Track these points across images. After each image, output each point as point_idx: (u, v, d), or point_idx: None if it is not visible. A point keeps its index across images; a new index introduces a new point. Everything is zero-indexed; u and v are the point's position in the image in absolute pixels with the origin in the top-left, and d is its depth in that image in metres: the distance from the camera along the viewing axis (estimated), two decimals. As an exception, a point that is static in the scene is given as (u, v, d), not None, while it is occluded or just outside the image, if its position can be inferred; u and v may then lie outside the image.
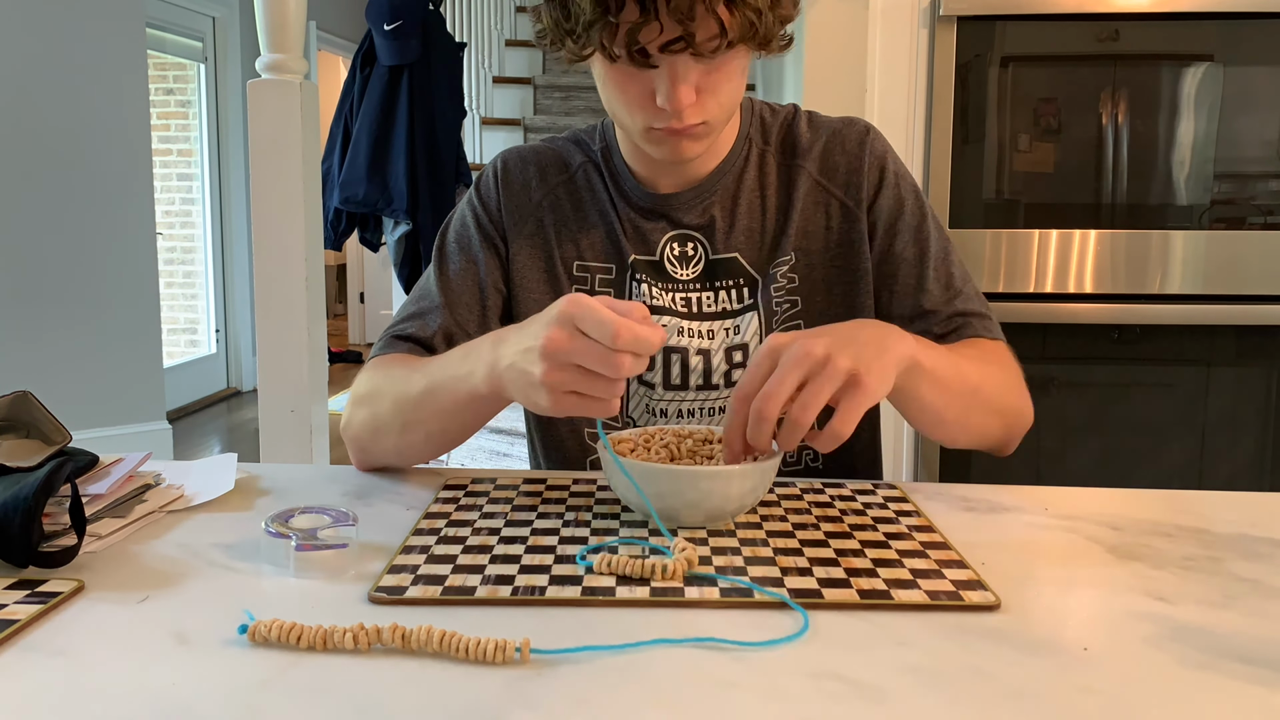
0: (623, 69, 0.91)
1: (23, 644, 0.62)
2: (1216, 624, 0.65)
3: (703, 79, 0.91)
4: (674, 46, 0.87)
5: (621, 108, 0.94)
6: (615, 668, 0.59)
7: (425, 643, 0.60)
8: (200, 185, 5.36)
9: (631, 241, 1.06)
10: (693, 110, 0.91)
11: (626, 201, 1.07)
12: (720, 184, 1.05)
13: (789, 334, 0.79)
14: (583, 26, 0.88)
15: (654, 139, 0.95)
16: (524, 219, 1.08)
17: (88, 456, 0.88)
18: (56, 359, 3.80)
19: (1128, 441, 2.21)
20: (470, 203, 1.10)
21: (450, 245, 1.09)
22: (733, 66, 0.92)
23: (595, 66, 0.95)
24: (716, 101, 0.93)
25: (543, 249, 1.07)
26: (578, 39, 0.90)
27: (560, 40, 0.92)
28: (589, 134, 1.11)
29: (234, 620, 0.63)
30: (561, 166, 1.09)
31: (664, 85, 0.90)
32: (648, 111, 0.92)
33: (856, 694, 0.56)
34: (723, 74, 0.92)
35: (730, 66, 0.92)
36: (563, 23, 0.90)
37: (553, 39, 0.93)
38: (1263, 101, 2.12)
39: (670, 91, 0.89)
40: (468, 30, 4.85)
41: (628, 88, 0.92)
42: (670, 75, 0.89)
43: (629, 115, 0.94)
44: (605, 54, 0.89)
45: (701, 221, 1.05)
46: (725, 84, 0.92)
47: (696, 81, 0.90)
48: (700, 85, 0.91)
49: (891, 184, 1.05)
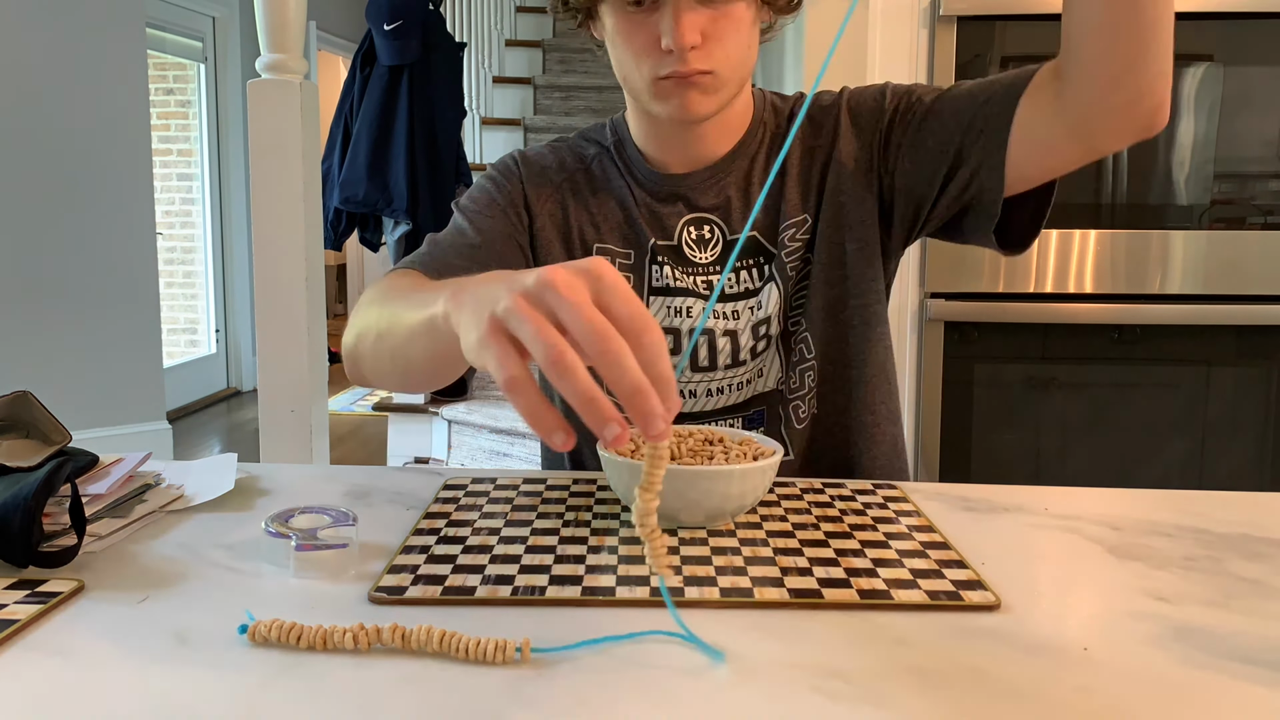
0: (629, 17, 0.94)
1: (23, 644, 0.62)
2: (1216, 624, 0.65)
3: (709, 25, 0.93)
4: None
5: (629, 59, 0.96)
6: (615, 668, 0.59)
7: (425, 643, 0.60)
8: (200, 185, 5.36)
9: (649, 226, 1.06)
10: (698, 55, 0.93)
11: (642, 187, 1.07)
12: (735, 165, 1.06)
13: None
14: None
15: (662, 91, 0.96)
16: (545, 197, 1.08)
17: (88, 456, 0.88)
18: (56, 359, 3.80)
19: (1128, 441, 2.21)
20: (490, 178, 1.09)
21: (471, 205, 1.05)
22: (739, 14, 0.94)
23: (606, 22, 0.97)
24: (723, 50, 0.94)
25: (562, 233, 1.07)
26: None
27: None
28: (598, 130, 1.12)
29: (234, 620, 0.63)
30: (578, 158, 1.10)
31: (668, 24, 0.92)
32: (654, 58, 0.94)
33: (856, 694, 0.56)
34: (729, 21, 0.93)
35: (736, 13, 0.94)
36: None
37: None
38: (1263, 101, 2.11)
39: (674, 29, 0.91)
40: (468, 30, 4.85)
41: (634, 36, 0.94)
42: (674, 12, 0.91)
43: (637, 66, 0.96)
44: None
45: (717, 202, 1.06)
46: (731, 33, 0.94)
47: (703, 27, 0.92)
48: (706, 31, 0.92)
49: (872, 100, 1.04)
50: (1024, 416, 2.20)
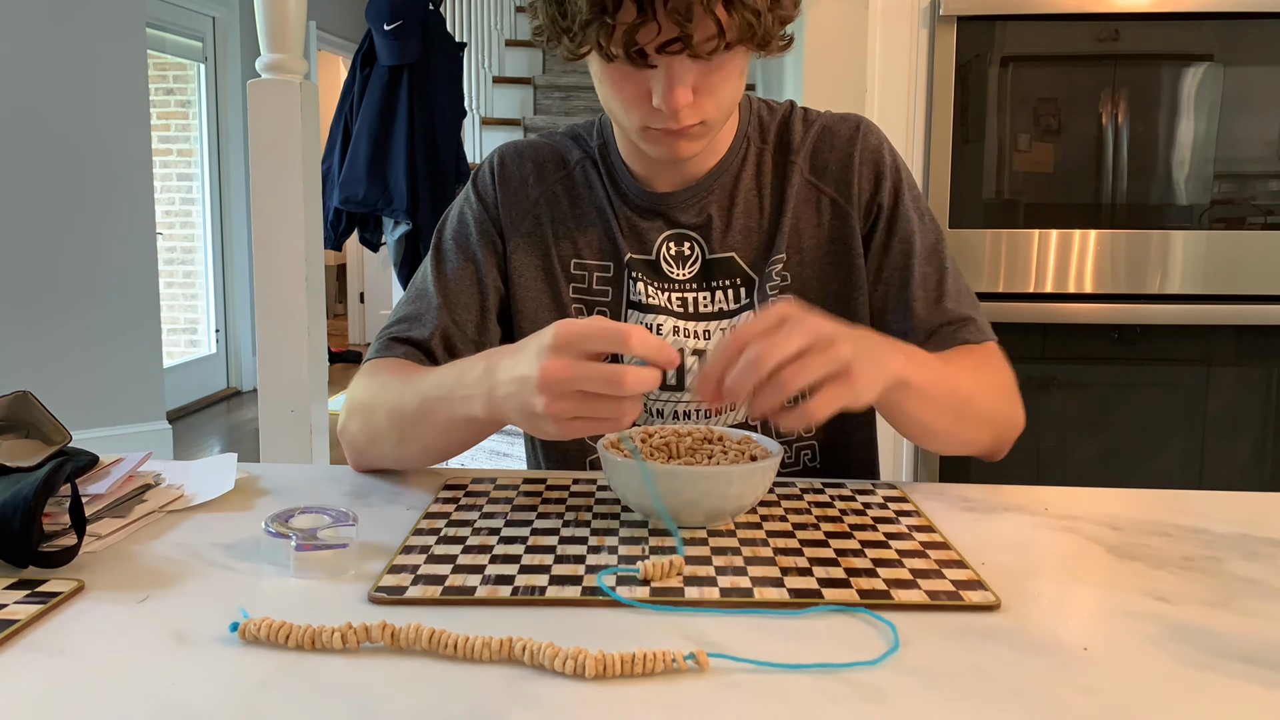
0: (619, 68, 0.90)
1: (23, 644, 0.62)
2: (1216, 624, 0.65)
3: (700, 80, 0.90)
4: (671, 47, 0.86)
5: (618, 107, 0.94)
6: (618, 675, 0.58)
7: (414, 641, 0.60)
8: (200, 185, 5.36)
9: (628, 240, 1.05)
10: (689, 111, 0.91)
11: (623, 200, 1.06)
12: (717, 183, 1.05)
13: (801, 307, 0.77)
14: (579, 25, 0.87)
15: (650, 138, 0.95)
16: (521, 216, 1.07)
17: (88, 456, 0.88)
18: (56, 359, 3.80)
19: (1128, 441, 2.21)
20: (467, 199, 1.10)
21: (448, 243, 1.08)
22: (730, 68, 0.91)
23: (592, 65, 0.94)
24: (714, 102, 0.92)
25: (540, 247, 1.07)
26: (574, 38, 0.89)
27: (556, 38, 0.91)
28: (586, 130, 1.11)
29: (234, 620, 0.63)
30: (559, 163, 1.09)
31: (660, 86, 0.89)
32: (644, 111, 0.92)
33: (856, 694, 0.56)
34: (720, 75, 0.91)
35: (728, 68, 0.91)
36: (559, 20, 0.89)
37: (549, 36, 0.92)
38: (1263, 101, 2.12)
39: (667, 93, 0.89)
40: (468, 30, 4.86)
41: (624, 87, 0.92)
42: (667, 76, 0.88)
43: (625, 114, 0.94)
44: (602, 54, 0.89)
45: (698, 221, 1.05)
46: (723, 85, 0.92)
47: (694, 82, 0.89)
48: (698, 86, 0.90)
49: (889, 180, 1.04)
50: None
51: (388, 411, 0.95)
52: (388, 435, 0.95)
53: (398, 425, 0.94)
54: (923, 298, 1.03)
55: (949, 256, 1.05)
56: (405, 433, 0.94)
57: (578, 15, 0.86)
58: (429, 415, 0.90)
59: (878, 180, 1.04)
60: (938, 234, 1.06)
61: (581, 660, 0.57)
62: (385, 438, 0.96)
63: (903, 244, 1.04)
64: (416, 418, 0.92)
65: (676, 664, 0.57)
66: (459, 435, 0.92)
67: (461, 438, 0.93)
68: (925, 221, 1.05)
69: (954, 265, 1.05)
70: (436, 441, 0.93)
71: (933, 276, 1.03)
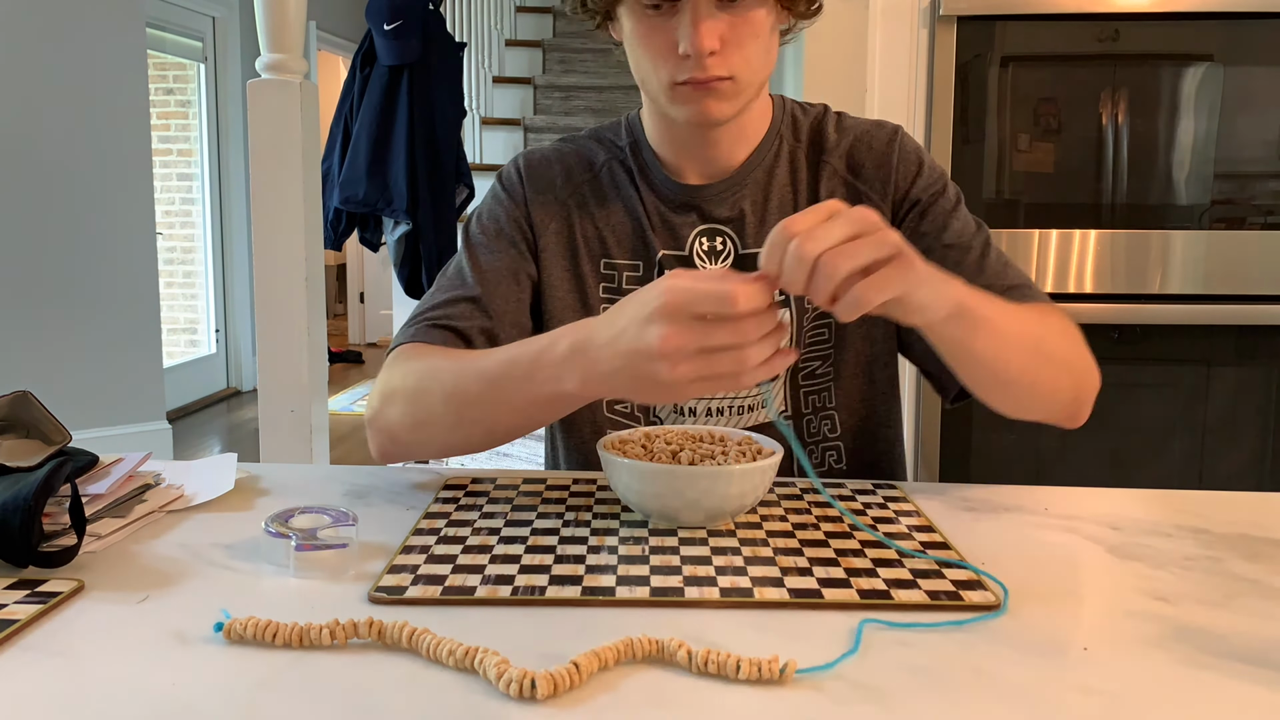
0: (648, 20, 0.93)
1: (23, 644, 0.62)
2: (1216, 624, 0.65)
3: (728, 30, 0.91)
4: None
5: (647, 62, 0.95)
6: (615, 668, 0.58)
7: (398, 639, 0.60)
8: (200, 185, 5.36)
9: (660, 235, 1.04)
10: (716, 61, 0.92)
11: (655, 194, 1.06)
12: (751, 177, 1.04)
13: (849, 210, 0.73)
14: None
15: (680, 96, 0.95)
16: (550, 216, 1.06)
17: (88, 456, 0.88)
18: (56, 359, 3.80)
19: (1128, 441, 2.21)
20: (496, 197, 1.08)
21: (479, 236, 1.06)
22: (758, 20, 0.93)
23: (624, 24, 0.97)
24: (742, 56, 0.93)
25: (568, 247, 1.06)
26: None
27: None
28: (613, 130, 1.10)
29: (218, 621, 0.63)
30: (586, 165, 1.08)
31: (686, 29, 0.91)
32: (672, 63, 0.93)
33: (856, 694, 0.56)
34: (748, 26, 0.92)
35: (755, 19, 0.93)
36: None
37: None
38: (1263, 101, 2.11)
39: (692, 34, 0.90)
40: (468, 30, 4.85)
41: (652, 39, 0.93)
42: (693, 17, 0.90)
43: (654, 70, 0.95)
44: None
45: (731, 215, 1.04)
46: (750, 39, 0.93)
47: (722, 31, 0.91)
48: (725, 36, 0.91)
49: (928, 174, 1.04)
50: (1024, 416, 2.20)
51: (444, 394, 0.91)
52: (442, 418, 0.91)
53: (456, 408, 0.90)
54: (972, 264, 1.00)
55: (996, 247, 1.03)
56: (465, 415, 0.90)
57: None
58: (501, 396, 0.86)
59: (917, 174, 1.04)
60: (980, 222, 1.04)
61: (526, 681, 0.55)
62: (438, 421, 0.92)
63: (941, 220, 1.02)
64: (482, 399, 0.88)
65: (649, 654, 0.57)
66: (540, 413, 0.89)
67: (543, 416, 0.91)
68: (968, 214, 1.04)
69: (1002, 254, 1.03)
70: (508, 422, 0.90)
71: (976, 252, 1.01)
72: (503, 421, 0.90)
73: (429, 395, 0.92)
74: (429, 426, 0.93)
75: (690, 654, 0.58)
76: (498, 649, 0.58)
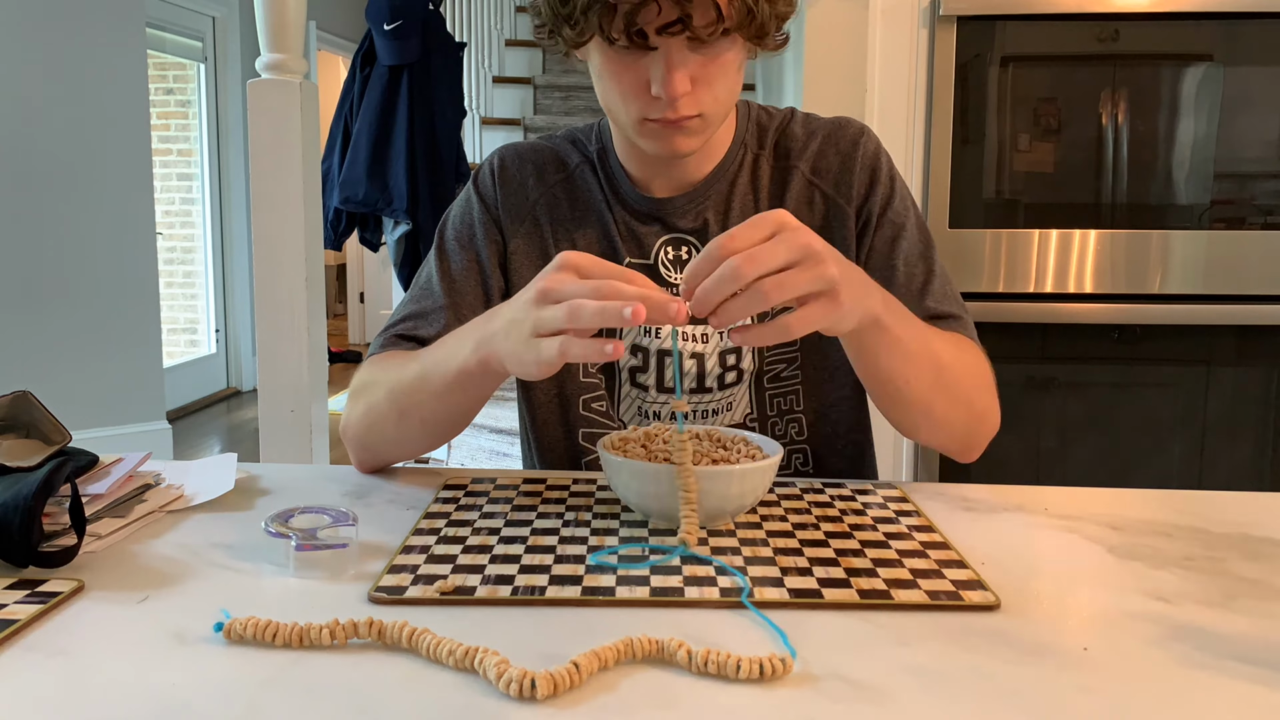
0: (618, 57, 0.91)
1: (23, 644, 0.62)
2: (1216, 624, 0.65)
3: (698, 69, 0.91)
4: (672, 29, 0.87)
5: (617, 98, 0.94)
6: (615, 667, 0.58)
7: (398, 639, 0.60)
8: (200, 185, 5.36)
9: (626, 243, 1.06)
10: (687, 101, 0.91)
11: (622, 204, 1.06)
12: (714, 188, 1.05)
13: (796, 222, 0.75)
14: (580, 10, 0.88)
15: (648, 132, 0.95)
16: (521, 217, 1.08)
17: (88, 456, 0.88)
18: (56, 359, 3.80)
19: (1128, 441, 2.21)
20: (469, 198, 1.10)
21: (450, 242, 1.08)
22: (728, 60, 0.92)
23: (592, 57, 0.95)
24: (712, 95, 0.93)
25: (539, 247, 1.07)
26: (575, 24, 0.89)
27: (558, 28, 0.92)
28: (585, 134, 1.11)
29: (218, 621, 0.63)
30: (559, 165, 1.09)
31: (659, 72, 0.90)
32: (642, 101, 0.92)
33: (856, 694, 0.56)
34: (718, 66, 0.91)
35: (726, 59, 0.92)
36: (560, 8, 0.90)
37: (550, 28, 0.93)
38: (1263, 101, 2.11)
39: (665, 78, 0.89)
40: (468, 30, 4.85)
41: (623, 77, 0.92)
42: (666, 61, 0.89)
43: (624, 106, 0.94)
44: (603, 37, 0.89)
45: (695, 225, 1.05)
46: (720, 78, 0.92)
47: (692, 71, 0.90)
48: (696, 76, 0.91)
49: (883, 184, 1.05)
50: (1024, 416, 2.20)
51: (387, 388, 0.95)
52: (387, 413, 0.95)
53: (396, 400, 0.94)
54: (906, 294, 1.01)
55: (939, 263, 1.05)
56: (403, 405, 0.93)
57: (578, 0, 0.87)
58: (425, 380, 0.90)
59: (872, 184, 1.05)
60: (928, 242, 1.05)
61: (526, 681, 0.55)
62: (385, 418, 0.95)
63: (889, 245, 1.04)
64: (413, 386, 0.91)
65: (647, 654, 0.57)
66: (452, 397, 0.90)
67: (454, 399, 0.90)
68: (916, 229, 1.05)
69: (943, 271, 1.05)
70: (431, 408, 0.92)
71: (919, 278, 1.03)
72: (429, 407, 0.92)
73: (377, 394, 0.96)
74: (380, 425, 0.96)
75: (690, 654, 0.58)
76: (498, 649, 0.58)
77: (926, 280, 1.03)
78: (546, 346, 0.73)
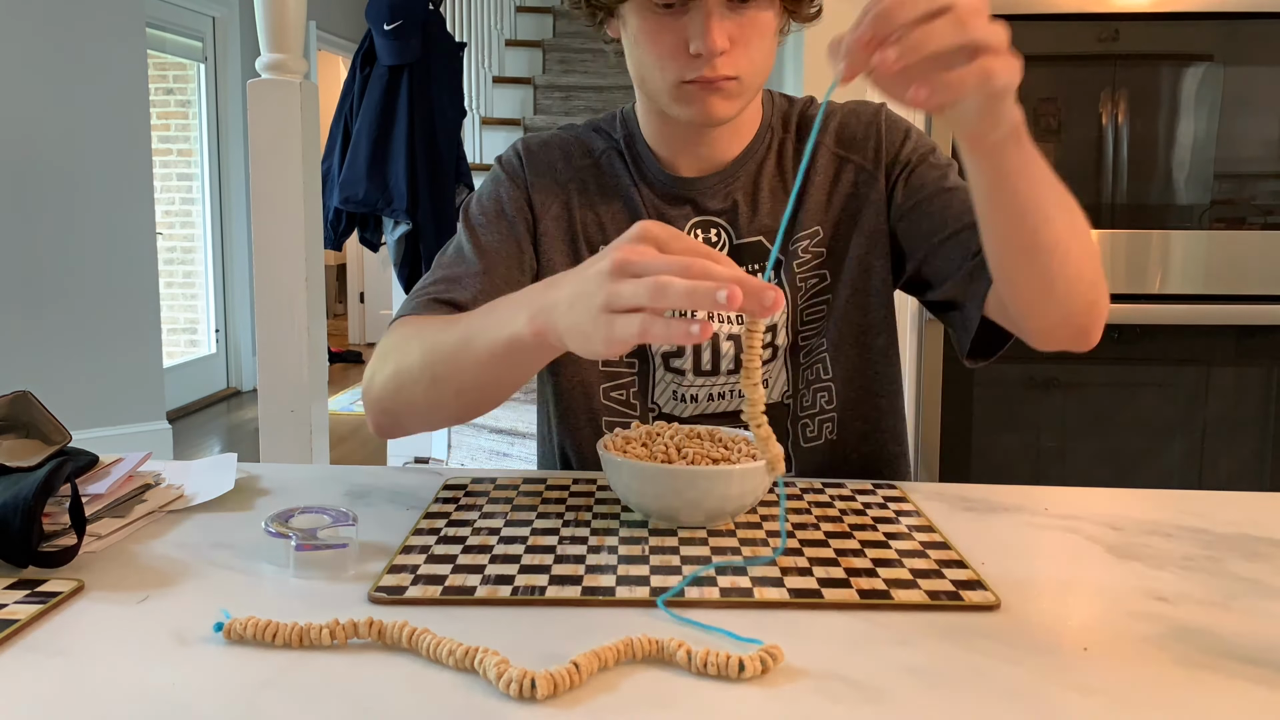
0: (656, 19, 0.93)
1: (23, 644, 0.62)
2: (1216, 624, 0.65)
3: (736, 30, 0.92)
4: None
5: (653, 62, 0.95)
6: (615, 668, 0.58)
7: (398, 639, 0.60)
8: (200, 185, 5.36)
9: None
10: (725, 60, 0.93)
11: (650, 187, 1.06)
12: (743, 169, 1.05)
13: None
14: None
15: (685, 96, 0.95)
16: (550, 198, 1.07)
17: (88, 456, 0.88)
18: (56, 359, 3.80)
19: (1128, 441, 2.21)
20: (497, 179, 1.09)
21: (478, 217, 1.05)
22: (765, 21, 0.94)
23: (628, 23, 0.97)
24: (748, 57, 0.94)
25: (568, 231, 1.06)
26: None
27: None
28: (608, 122, 1.11)
29: (218, 621, 0.63)
30: (585, 151, 1.09)
31: (698, 29, 0.91)
32: (680, 62, 0.94)
33: (856, 694, 0.56)
34: (755, 28, 0.93)
35: (762, 21, 0.94)
36: None
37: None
38: (1263, 101, 2.11)
39: (705, 33, 0.91)
40: (468, 30, 4.85)
41: (660, 38, 0.94)
42: (705, 18, 0.91)
43: (661, 69, 0.95)
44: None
45: (724, 206, 1.05)
46: (757, 40, 0.94)
47: (730, 31, 0.92)
48: (734, 36, 0.92)
49: (914, 137, 1.06)
50: (1024, 416, 2.20)
51: (421, 351, 0.88)
52: (420, 377, 0.88)
53: (431, 364, 0.87)
54: (966, 212, 0.95)
55: None
56: (439, 371, 0.86)
57: None
58: (468, 346, 0.82)
59: (904, 140, 1.05)
60: None
61: (526, 681, 0.54)
62: (416, 382, 0.88)
63: (937, 171, 1.03)
64: (454, 351, 0.84)
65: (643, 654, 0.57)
66: (496, 369, 0.82)
67: (498, 371, 0.83)
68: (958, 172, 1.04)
69: None
70: (472, 377, 0.84)
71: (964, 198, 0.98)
72: (469, 375, 0.84)
73: (409, 356, 0.90)
74: (409, 388, 0.90)
75: (690, 654, 0.58)
76: (498, 649, 0.58)
77: None
78: (624, 324, 0.64)
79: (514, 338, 0.76)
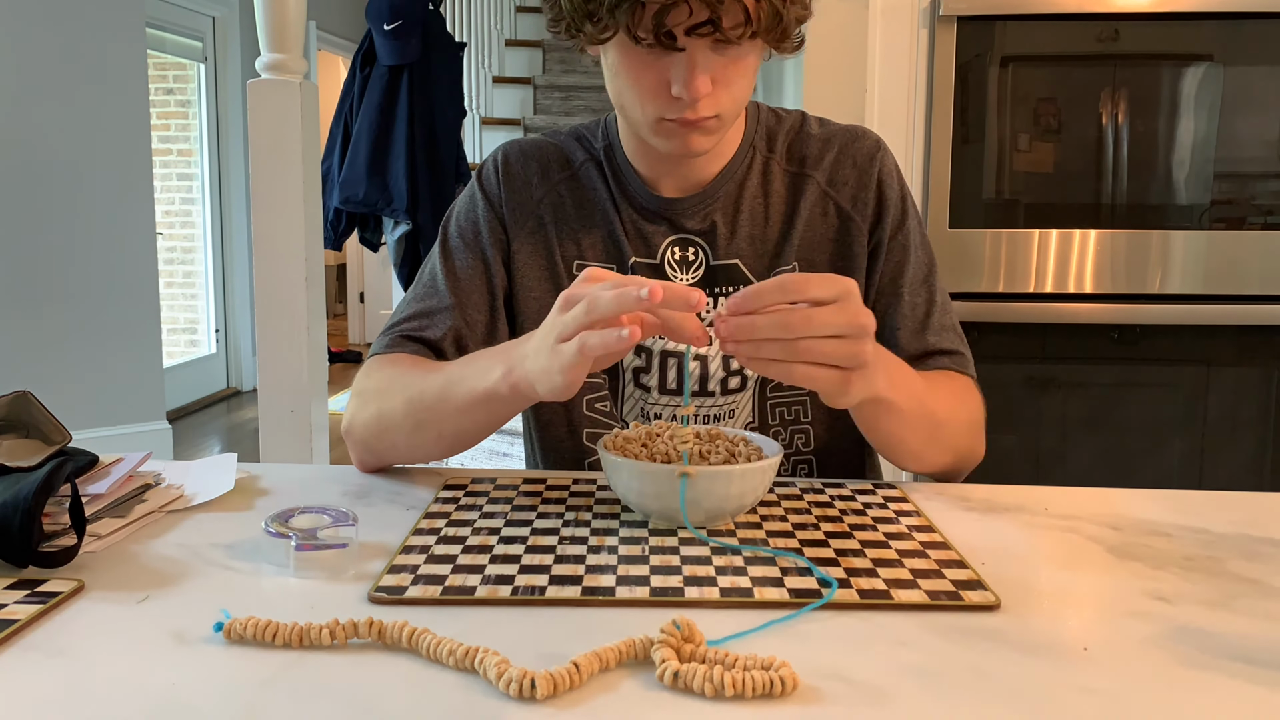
0: (638, 57, 0.90)
1: (23, 644, 0.62)
2: (1216, 624, 0.65)
3: (719, 71, 0.90)
4: (700, 30, 0.87)
5: (634, 98, 0.93)
6: (614, 667, 0.58)
7: (398, 639, 0.60)
8: (200, 185, 5.36)
9: (632, 242, 1.05)
10: (707, 102, 0.91)
11: (629, 202, 1.06)
12: (723, 190, 1.04)
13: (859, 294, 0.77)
14: (607, 8, 0.87)
15: (664, 131, 0.94)
16: (525, 216, 1.07)
17: (88, 456, 0.88)
18: (56, 359, 3.80)
19: (1128, 441, 2.21)
20: (473, 196, 1.10)
21: (455, 240, 1.08)
22: (748, 62, 0.92)
23: (609, 54, 0.94)
24: (730, 95, 0.93)
25: (543, 247, 1.06)
26: (598, 21, 0.88)
27: (579, 23, 0.90)
28: (591, 130, 1.10)
29: (218, 621, 0.63)
30: (564, 163, 1.08)
31: (682, 73, 0.89)
32: (661, 101, 0.92)
33: (856, 694, 0.56)
34: (738, 68, 0.92)
35: (745, 62, 0.92)
36: (584, 4, 0.88)
37: (570, 22, 0.91)
38: (1263, 101, 2.11)
39: (689, 80, 0.89)
40: (468, 30, 4.85)
41: (642, 77, 0.92)
42: (690, 63, 0.89)
43: (641, 106, 0.93)
44: (629, 35, 0.88)
45: (703, 227, 1.05)
46: (739, 79, 0.92)
47: (714, 73, 0.90)
48: (716, 77, 0.90)
49: (895, 206, 1.05)
50: (1024, 416, 2.20)
51: (404, 398, 0.94)
52: (401, 425, 0.95)
53: (414, 413, 0.94)
54: (909, 324, 1.04)
55: (940, 288, 1.06)
56: (421, 418, 0.93)
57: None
58: (448, 396, 0.91)
59: (887, 204, 1.05)
60: (931, 264, 1.06)
61: (526, 681, 0.55)
62: (399, 427, 0.95)
63: (897, 270, 1.05)
64: (435, 401, 0.92)
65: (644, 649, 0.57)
66: (474, 415, 0.91)
67: (476, 418, 0.91)
68: (921, 249, 1.06)
69: (944, 297, 1.06)
70: (452, 425, 0.92)
71: (921, 307, 1.04)
72: (449, 423, 0.93)
73: (392, 401, 0.96)
74: (392, 432, 0.96)
75: (709, 678, 0.58)
76: (498, 649, 0.58)
77: (928, 311, 1.04)
78: (568, 346, 0.74)
79: (491, 391, 0.86)
